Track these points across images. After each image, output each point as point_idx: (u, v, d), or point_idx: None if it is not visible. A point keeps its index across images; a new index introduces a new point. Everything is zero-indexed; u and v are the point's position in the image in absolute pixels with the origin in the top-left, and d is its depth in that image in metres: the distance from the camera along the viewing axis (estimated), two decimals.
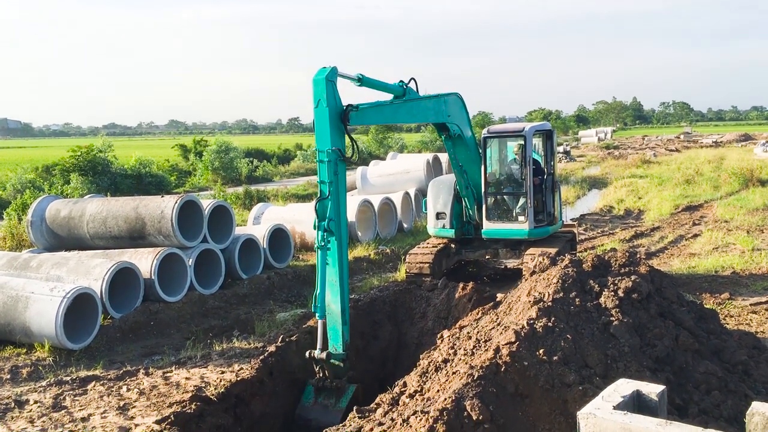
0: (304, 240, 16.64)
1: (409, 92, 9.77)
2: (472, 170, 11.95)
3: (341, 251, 7.76)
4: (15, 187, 26.17)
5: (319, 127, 7.75)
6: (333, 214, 7.70)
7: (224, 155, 35.98)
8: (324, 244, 7.68)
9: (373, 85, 9.22)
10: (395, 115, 9.53)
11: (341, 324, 7.58)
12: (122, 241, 12.55)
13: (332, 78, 7.69)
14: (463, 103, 11.38)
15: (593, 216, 21.39)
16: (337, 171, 7.70)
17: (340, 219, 7.82)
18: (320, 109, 7.67)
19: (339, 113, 7.78)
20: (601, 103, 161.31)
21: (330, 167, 7.66)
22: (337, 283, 7.68)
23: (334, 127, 7.69)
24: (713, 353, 6.02)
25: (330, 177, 7.67)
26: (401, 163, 23.86)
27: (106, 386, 8.26)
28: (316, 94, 7.66)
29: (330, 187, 7.67)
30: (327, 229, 7.68)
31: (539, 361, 5.25)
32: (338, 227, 7.77)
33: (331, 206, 7.69)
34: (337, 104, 7.77)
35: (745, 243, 14.52)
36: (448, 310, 9.45)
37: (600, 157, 49.71)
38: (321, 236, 7.70)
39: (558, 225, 12.74)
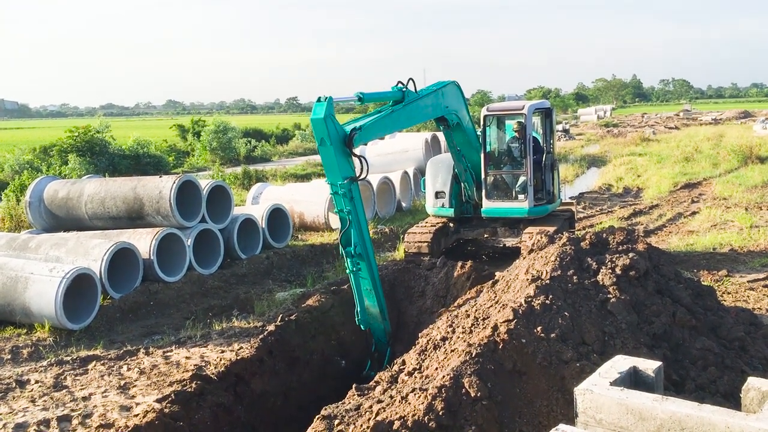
0: (302, 219, 16.64)
1: (408, 94, 9.69)
2: (470, 154, 11.92)
3: (371, 265, 8.15)
4: (13, 168, 26.10)
5: (326, 163, 7.89)
6: (357, 239, 7.97)
7: (222, 135, 35.84)
8: (354, 268, 8.08)
9: (373, 99, 9.22)
10: (396, 123, 9.53)
11: (382, 320, 8.43)
12: (121, 222, 12.55)
13: (330, 112, 7.69)
14: (459, 90, 11.31)
15: (592, 194, 21.39)
16: (352, 197, 7.92)
17: (364, 238, 8.09)
18: (325, 147, 7.76)
19: (343, 142, 7.87)
20: (601, 81, 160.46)
21: (345, 197, 7.89)
22: (372, 291, 8.23)
23: (341, 159, 7.83)
24: (710, 330, 6.05)
25: (347, 206, 7.91)
26: (400, 142, 23.80)
27: (106, 366, 8.31)
28: (318, 133, 7.72)
29: (349, 215, 7.91)
30: (355, 254, 8.01)
31: (537, 339, 5.27)
32: (363, 246, 8.07)
33: (354, 232, 7.96)
34: (339, 135, 7.84)
35: (744, 220, 14.53)
36: (447, 288, 9.50)
37: (599, 135, 49.60)
38: (350, 262, 8.07)
39: (557, 203, 12.75)
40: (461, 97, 11.32)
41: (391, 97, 9.45)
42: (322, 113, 7.59)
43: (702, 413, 3.33)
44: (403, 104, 9.40)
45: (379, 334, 8.62)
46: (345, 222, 7.95)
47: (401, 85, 9.50)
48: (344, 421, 5.15)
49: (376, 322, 8.49)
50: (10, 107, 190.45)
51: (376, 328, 8.56)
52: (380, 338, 8.65)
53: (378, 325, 8.51)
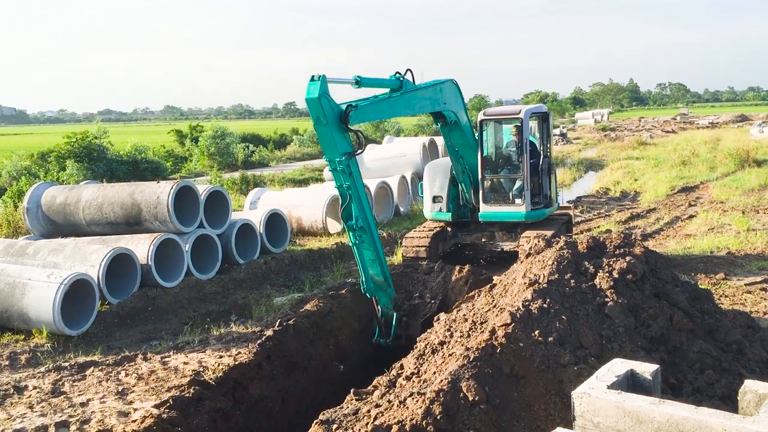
0: (300, 224, 16.65)
1: (406, 84, 9.78)
2: (468, 155, 11.94)
3: (373, 237, 8.36)
4: (10, 174, 26.09)
5: (324, 141, 7.99)
6: (358, 212, 8.16)
7: (220, 141, 35.85)
8: (357, 241, 8.29)
9: (371, 84, 9.27)
10: (392, 109, 9.62)
11: (387, 287, 8.67)
12: (119, 227, 12.54)
13: (324, 91, 7.73)
14: (458, 88, 11.34)
15: (589, 198, 21.42)
16: (351, 172, 8.05)
17: (365, 210, 8.26)
18: (321, 126, 7.84)
19: (339, 118, 7.95)
20: (598, 85, 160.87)
21: (344, 173, 8.01)
22: (375, 261, 8.45)
23: (338, 136, 7.92)
24: (707, 333, 6.06)
25: (347, 181, 8.05)
26: (397, 146, 23.82)
27: (104, 371, 8.30)
28: (313, 112, 7.79)
29: (348, 190, 8.08)
30: (357, 228, 8.21)
31: (535, 342, 5.28)
32: (365, 219, 8.25)
33: (354, 206, 8.14)
34: (335, 112, 7.91)
35: (741, 223, 14.56)
36: (445, 292, 9.50)
37: (596, 139, 49.68)
38: (353, 235, 8.28)
39: (554, 207, 12.76)
40: (459, 95, 11.36)
41: (388, 85, 9.54)
42: (316, 92, 7.67)
43: (699, 416, 3.33)
44: (400, 92, 9.49)
45: (385, 302, 8.79)
46: (345, 197, 8.13)
47: (399, 75, 9.61)
48: (342, 426, 5.15)
49: (381, 290, 8.68)
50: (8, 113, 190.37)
51: (382, 296, 8.73)
52: (386, 304, 8.81)
53: (383, 293, 8.69)
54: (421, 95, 10.28)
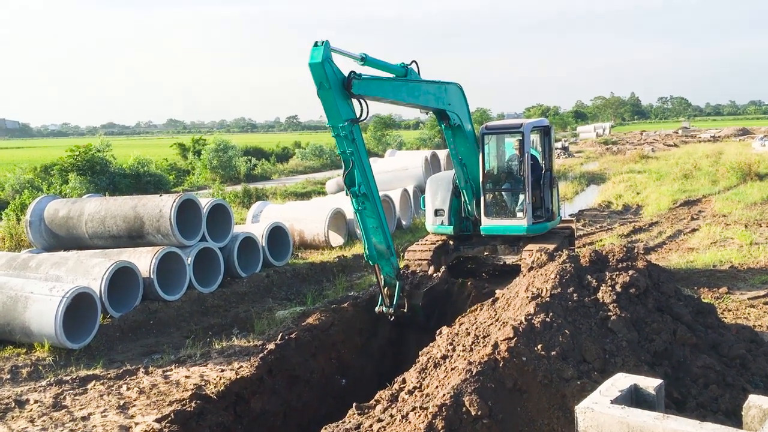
0: (302, 238, 16.65)
1: (411, 73, 9.97)
2: (471, 164, 11.96)
3: (376, 204, 8.49)
4: (13, 188, 26.15)
5: (327, 107, 8.09)
6: (361, 178, 8.31)
7: (223, 154, 35.96)
8: (360, 207, 8.44)
9: (376, 65, 9.41)
10: (397, 92, 9.68)
11: (389, 256, 8.80)
12: (121, 241, 12.55)
13: (327, 56, 7.85)
14: (463, 94, 11.40)
15: (592, 211, 21.41)
16: (354, 138, 8.19)
17: (368, 177, 8.40)
18: (324, 90, 7.97)
19: (342, 84, 8.08)
20: (599, 99, 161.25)
21: (347, 139, 8.15)
22: (378, 228, 8.60)
23: (341, 101, 8.05)
24: (711, 347, 6.03)
25: (349, 147, 8.18)
26: (399, 160, 23.86)
27: (106, 385, 8.27)
28: (316, 77, 7.89)
29: (351, 156, 8.21)
30: (360, 194, 8.35)
31: (537, 357, 5.26)
32: (368, 187, 8.39)
33: (357, 172, 8.29)
34: (338, 77, 8.05)
35: (743, 237, 14.54)
36: (447, 306, 9.48)
37: (598, 153, 49.75)
38: (356, 201, 8.43)
39: (556, 221, 12.76)
40: (464, 100, 11.42)
41: (393, 70, 9.73)
42: (319, 57, 7.77)
43: (704, 431, 3.32)
44: (405, 79, 9.67)
45: (387, 270, 8.89)
46: (348, 163, 8.25)
47: (404, 64, 9.81)
48: None
49: (384, 259, 8.78)
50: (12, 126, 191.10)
51: (384, 265, 8.83)
52: (389, 273, 8.91)
53: (385, 261, 8.79)
54: (425, 88, 10.40)
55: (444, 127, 11.50)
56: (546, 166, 12.41)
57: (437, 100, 10.70)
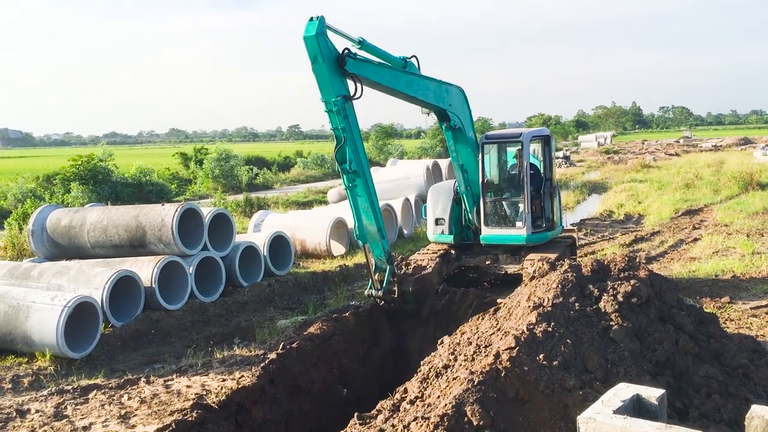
0: (304, 247, 16.65)
1: (410, 67, 10.01)
2: (472, 170, 11.98)
3: (367, 182, 8.56)
4: (16, 197, 26.21)
5: (320, 81, 8.16)
6: (353, 155, 8.37)
7: (224, 163, 36.03)
8: (350, 184, 8.51)
9: (373, 51, 9.47)
10: (395, 81, 9.70)
11: (380, 239, 8.85)
12: (123, 250, 12.57)
13: (322, 31, 7.95)
14: (465, 98, 11.41)
15: (593, 221, 21.40)
16: (346, 115, 8.24)
17: (360, 156, 8.47)
18: (318, 65, 8.05)
19: (336, 61, 8.16)
20: (601, 108, 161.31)
21: (340, 114, 8.21)
22: (369, 209, 8.65)
23: (334, 77, 8.12)
24: (713, 357, 6.02)
25: (341, 123, 8.25)
26: (401, 169, 23.90)
27: (107, 395, 8.27)
28: (311, 51, 8.01)
29: (343, 132, 8.29)
30: (350, 171, 8.42)
31: (539, 366, 5.25)
32: (360, 164, 8.45)
33: (349, 149, 8.36)
34: (332, 53, 8.14)
35: (745, 247, 14.52)
36: (449, 315, 9.47)
37: (600, 162, 49.77)
38: (347, 178, 8.51)
39: (557, 230, 12.73)
40: (465, 104, 11.45)
41: (392, 60, 9.77)
42: (313, 31, 7.88)
43: None
44: (405, 71, 9.75)
45: (378, 254, 8.93)
46: (340, 139, 8.33)
47: (405, 57, 9.89)
48: None
49: (375, 241, 8.81)
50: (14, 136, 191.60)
51: (375, 247, 8.86)
52: (380, 257, 8.94)
53: (376, 244, 8.83)
54: (425, 83, 10.43)
55: (444, 129, 11.55)
56: (546, 175, 12.41)
57: (438, 98, 10.71)
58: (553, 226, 12.43)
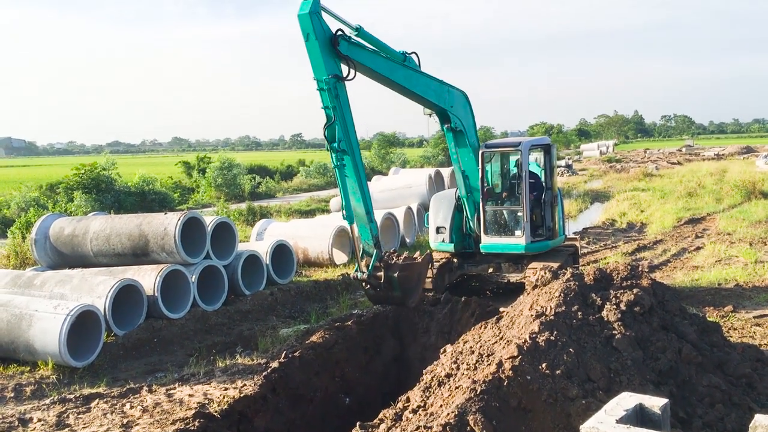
0: (306, 255, 16.66)
1: (410, 62, 10.10)
2: (473, 176, 11.99)
3: (356, 163, 8.67)
4: (19, 206, 26.26)
5: (312, 59, 8.34)
6: (342, 135, 8.49)
7: (227, 172, 36.10)
8: (339, 163, 8.59)
9: (371, 40, 9.57)
10: (392, 71, 9.86)
11: (368, 222, 8.93)
12: (126, 258, 12.58)
13: (316, 9, 8.16)
14: (468, 103, 11.42)
15: (596, 229, 21.38)
16: (338, 94, 8.40)
17: (350, 136, 8.59)
18: (311, 42, 8.23)
19: (329, 40, 8.33)
20: (603, 117, 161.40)
21: (330, 93, 8.37)
22: (358, 191, 8.72)
23: (326, 56, 8.30)
24: (717, 366, 6.01)
25: (332, 102, 8.40)
26: (403, 178, 23.92)
27: (109, 404, 8.26)
28: (304, 28, 8.24)
29: (334, 111, 8.43)
30: (339, 150, 8.52)
31: (542, 375, 5.24)
32: (349, 144, 8.57)
33: (338, 128, 8.49)
34: (326, 33, 8.33)
35: (748, 255, 14.50)
36: (451, 324, 9.46)
37: (602, 171, 49.77)
38: (335, 157, 8.60)
39: (559, 239, 12.69)
40: (468, 108, 11.47)
41: (391, 52, 9.91)
42: (307, 8, 8.16)
43: None
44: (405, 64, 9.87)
45: (365, 237, 8.98)
46: (330, 118, 8.47)
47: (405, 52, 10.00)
48: None
49: (362, 225, 8.86)
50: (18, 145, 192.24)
51: (363, 231, 8.91)
52: (367, 241, 8.99)
53: (364, 227, 8.88)
54: (425, 80, 10.51)
55: (446, 130, 11.59)
56: (547, 184, 12.40)
57: (438, 97, 10.74)
58: (554, 235, 12.41)
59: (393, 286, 9.20)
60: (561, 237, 12.80)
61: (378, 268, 9.10)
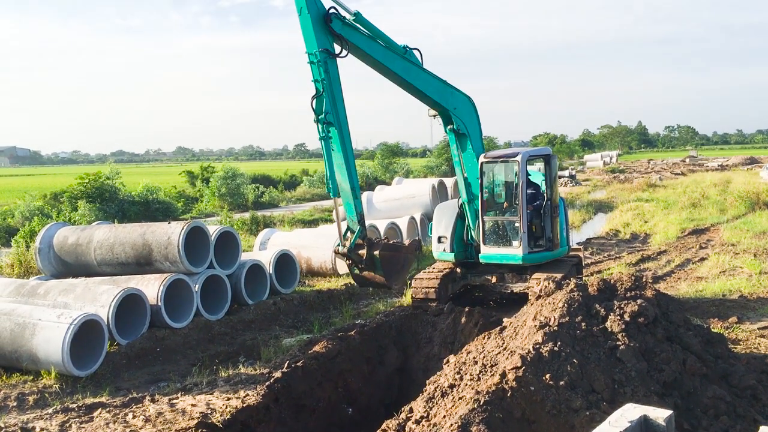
0: (310, 265, 16.65)
1: (411, 56, 10.22)
2: (476, 183, 11.98)
3: (343, 137, 8.87)
4: (23, 215, 26.33)
5: (305, 33, 8.65)
6: (330, 108, 8.76)
7: (231, 181, 36.18)
8: (325, 134, 8.84)
9: (369, 28, 9.80)
10: (388, 59, 10.12)
11: (353, 198, 9.04)
12: (129, 267, 12.60)
13: None
14: (474, 108, 11.46)
15: (599, 240, 21.35)
16: (327, 69, 8.70)
17: (338, 111, 8.84)
18: (303, 16, 8.52)
19: (323, 16, 8.65)
20: (606, 128, 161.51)
21: (320, 66, 8.67)
22: (343, 165, 8.86)
23: (318, 30, 8.63)
24: (721, 378, 5.98)
25: (321, 75, 8.69)
26: (407, 188, 23.94)
27: (112, 413, 8.25)
28: (298, 3, 8.43)
29: (323, 84, 8.70)
30: (326, 122, 8.79)
31: (546, 386, 5.23)
32: (336, 118, 8.82)
33: (326, 101, 8.76)
34: (319, 8, 8.63)
35: (753, 266, 14.45)
36: (454, 334, 9.43)
37: (605, 181, 49.75)
38: (321, 128, 8.85)
39: (561, 251, 12.49)
40: (474, 114, 11.52)
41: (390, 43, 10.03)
42: None
43: None
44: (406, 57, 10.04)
45: (350, 213, 9.10)
46: (318, 90, 8.73)
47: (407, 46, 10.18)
48: None
49: (347, 200, 8.96)
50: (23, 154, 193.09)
51: (347, 207, 9.01)
52: (352, 217, 9.11)
53: (348, 203, 8.98)
54: (425, 76, 10.67)
55: (448, 132, 11.66)
56: (548, 195, 12.33)
57: (440, 95, 10.84)
58: (555, 246, 12.30)
59: (375, 264, 9.35)
60: (563, 249, 12.64)
61: (360, 246, 9.23)
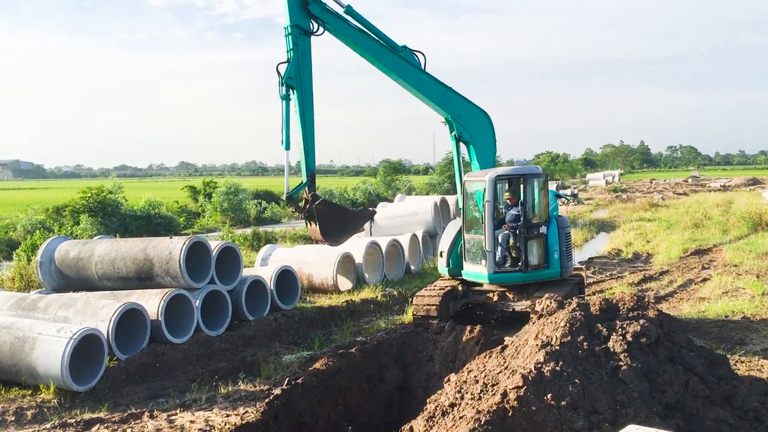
0: (311, 281, 16.63)
1: (409, 56, 10.44)
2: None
3: (303, 101, 9.86)
4: (25, 228, 26.34)
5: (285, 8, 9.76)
6: (293, 74, 9.79)
7: (233, 197, 36.22)
8: (285, 95, 9.89)
9: (363, 22, 10.23)
10: (378, 53, 10.76)
11: (305, 158, 10.23)
12: (130, 282, 12.58)
13: None
14: (489, 123, 11.55)
15: (601, 259, 21.32)
16: (297, 42, 9.81)
17: (302, 79, 9.83)
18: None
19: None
20: (609, 147, 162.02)
21: (291, 39, 9.83)
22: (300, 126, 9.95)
23: (294, 9, 9.71)
24: (724, 399, 5.94)
25: (290, 46, 9.86)
26: (409, 205, 23.95)
27: (110, 429, 8.19)
28: None
29: (290, 53, 9.81)
30: (287, 85, 9.82)
31: (547, 406, 5.19)
32: (299, 83, 9.80)
33: (291, 67, 9.82)
34: None
35: (756, 287, 14.40)
36: (456, 353, 9.39)
37: (608, 200, 49.78)
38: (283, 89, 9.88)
39: (548, 272, 12.19)
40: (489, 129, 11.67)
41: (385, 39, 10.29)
42: None
43: None
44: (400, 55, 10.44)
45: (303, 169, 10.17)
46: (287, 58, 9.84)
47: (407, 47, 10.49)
48: None
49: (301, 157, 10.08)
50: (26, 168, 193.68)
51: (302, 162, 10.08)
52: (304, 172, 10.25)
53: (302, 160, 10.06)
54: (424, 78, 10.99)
55: (451, 137, 11.96)
56: (528, 215, 12.10)
57: (441, 100, 11.11)
58: (538, 268, 12.11)
59: (313, 217, 10.36)
60: (553, 270, 12.24)
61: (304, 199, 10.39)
